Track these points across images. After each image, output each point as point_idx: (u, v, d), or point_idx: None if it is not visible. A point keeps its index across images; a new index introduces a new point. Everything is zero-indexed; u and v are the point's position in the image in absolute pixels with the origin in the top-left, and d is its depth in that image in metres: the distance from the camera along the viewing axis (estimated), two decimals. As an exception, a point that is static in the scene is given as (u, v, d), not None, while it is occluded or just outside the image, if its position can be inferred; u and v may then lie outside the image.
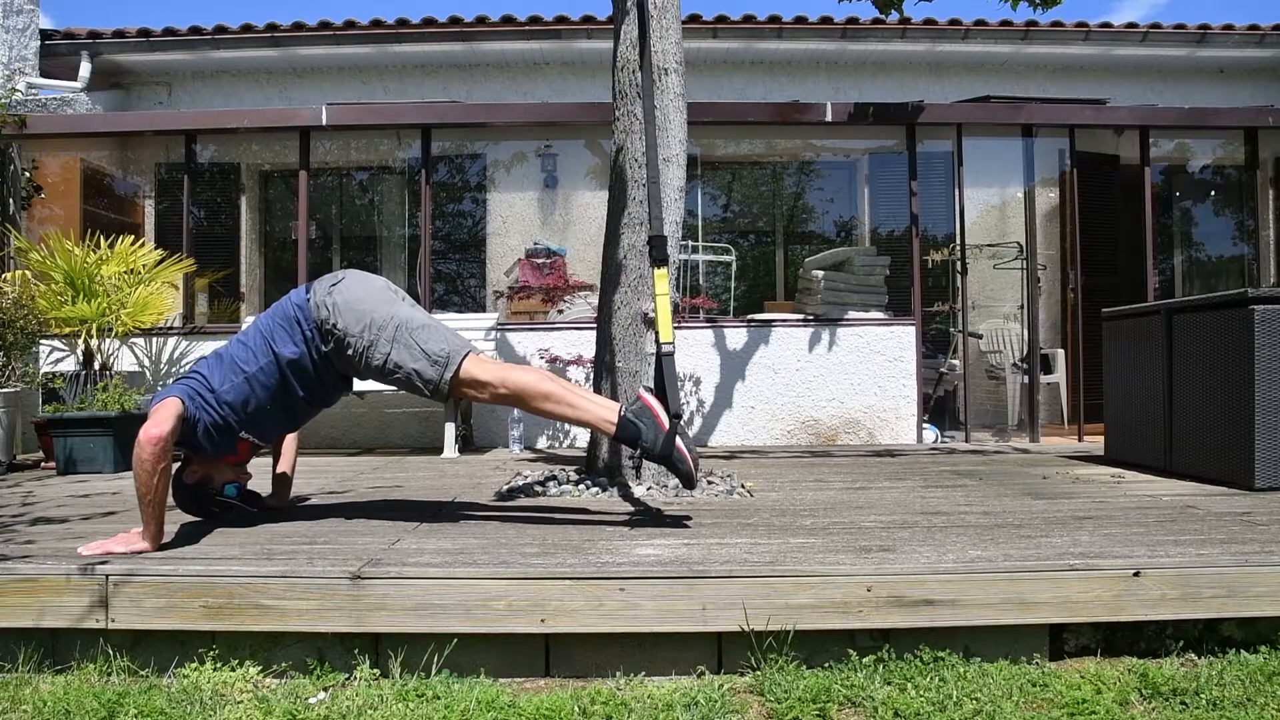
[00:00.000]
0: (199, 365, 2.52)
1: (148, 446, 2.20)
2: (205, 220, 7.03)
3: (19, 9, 6.46)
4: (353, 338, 2.42)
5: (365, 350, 2.42)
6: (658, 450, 2.38)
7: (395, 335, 2.42)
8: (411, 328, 2.45)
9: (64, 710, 1.74)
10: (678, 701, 1.76)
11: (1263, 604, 1.96)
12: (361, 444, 6.00)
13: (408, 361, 2.42)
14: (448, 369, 2.42)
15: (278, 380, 2.47)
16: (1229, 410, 3.31)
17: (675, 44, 3.48)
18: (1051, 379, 6.57)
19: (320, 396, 2.61)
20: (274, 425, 2.60)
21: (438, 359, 2.42)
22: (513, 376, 2.46)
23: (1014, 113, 6.17)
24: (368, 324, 2.42)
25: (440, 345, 2.45)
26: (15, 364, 4.86)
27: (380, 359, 2.42)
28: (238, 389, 2.43)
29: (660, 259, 2.66)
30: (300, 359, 2.46)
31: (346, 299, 2.44)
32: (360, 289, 2.49)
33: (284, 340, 2.46)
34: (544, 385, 2.44)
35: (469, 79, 7.25)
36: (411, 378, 2.43)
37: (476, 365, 2.45)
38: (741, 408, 5.89)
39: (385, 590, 1.92)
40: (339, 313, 2.42)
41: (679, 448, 2.38)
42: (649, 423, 2.39)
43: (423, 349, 2.42)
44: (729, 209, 8.01)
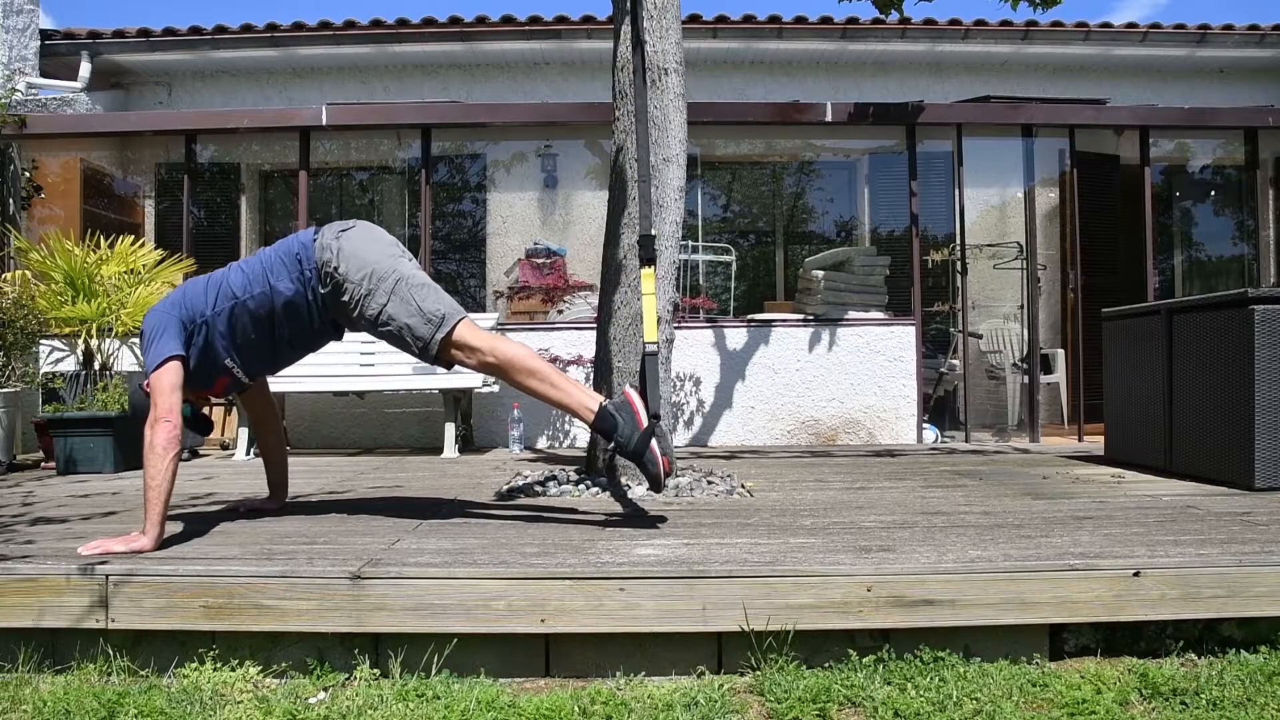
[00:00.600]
0: (191, 287, 2.51)
1: (161, 434, 2.23)
2: (205, 220, 7.03)
3: (19, 9, 6.46)
4: (351, 284, 2.42)
5: (362, 299, 2.43)
6: (631, 446, 2.37)
7: (394, 288, 2.43)
8: (411, 284, 2.45)
9: (64, 710, 1.74)
10: (678, 701, 1.76)
11: (1263, 604, 1.96)
12: (361, 444, 6.00)
13: (401, 315, 2.42)
14: (440, 329, 2.42)
15: (267, 313, 2.47)
16: (1229, 410, 3.31)
17: (675, 44, 3.48)
18: (1051, 379, 6.57)
19: (306, 339, 2.60)
20: (257, 359, 2.58)
21: (432, 317, 2.42)
22: (502, 346, 2.46)
23: (1014, 113, 6.17)
24: (369, 273, 2.42)
25: (436, 305, 2.45)
26: (15, 364, 4.86)
27: (375, 309, 2.43)
28: (227, 315, 2.45)
29: (648, 259, 2.66)
30: (295, 297, 2.46)
31: (353, 245, 2.45)
32: (367, 238, 2.50)
33: (281, 274, 2.46)
34: (531, 361, 2.44)
35: (469, 79, 7.25)
36: (403, 332, 2.43)
37: (469, 330, 2.45)
38: (741, 408, 5.89)
39: (385, 590, 1.92)
40: (343, 257, 2.43)
41: (652, 449, 2.38)
42: (627, 418, 2.39)
43: (419, 305, 2.43)
44: (729, 209, 8.01)
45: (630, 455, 2.40)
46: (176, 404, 2.30)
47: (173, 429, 2.26)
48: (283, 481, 2.97)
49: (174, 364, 2.35)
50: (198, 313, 2.45)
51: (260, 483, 3.10)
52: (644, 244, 2.68)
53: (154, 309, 2.50)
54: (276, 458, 2.96)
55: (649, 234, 2.71)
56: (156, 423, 2.26)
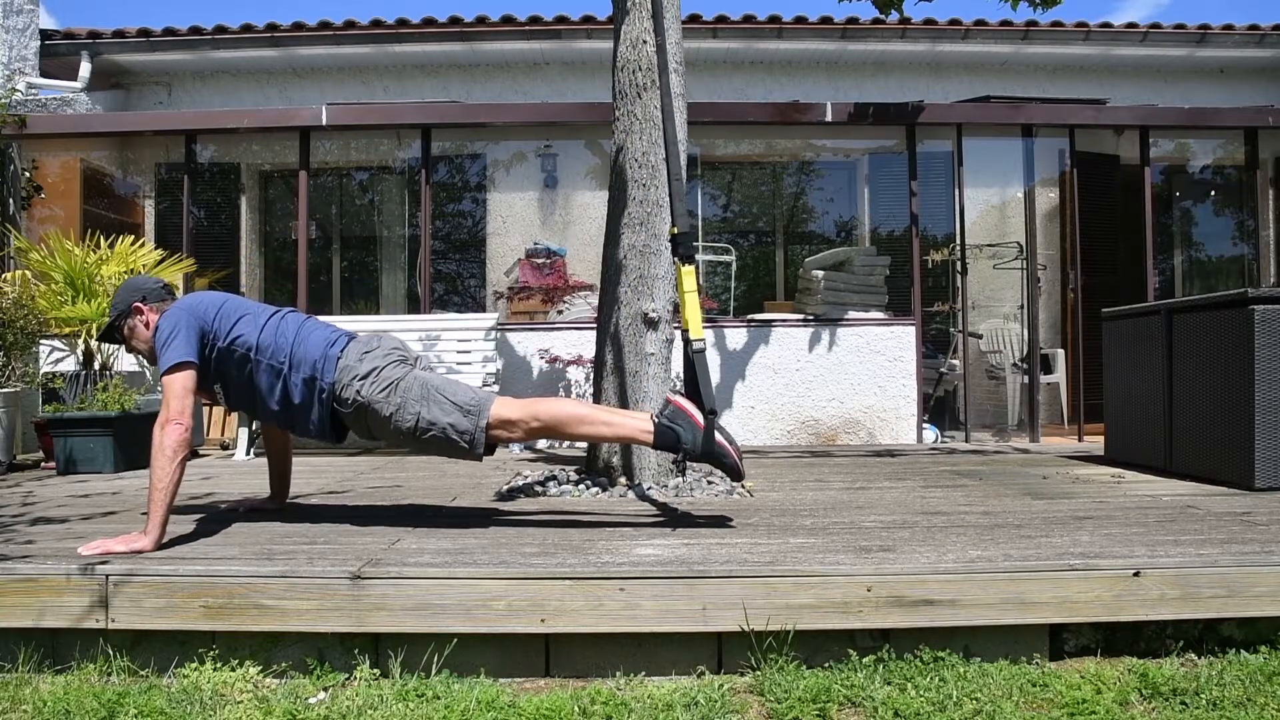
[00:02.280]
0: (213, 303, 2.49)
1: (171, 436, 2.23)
2: (205, 220, 7.03)
3: (19, 9, 6.45)
4: (379, 403, 2.41)
5: (394, 414, 2.41)
6: (699, 450, 2.38)
7: (423, 395, 2.42)
8: (436, 385, 2.45)
9: (64, 710, 1.74)
10: (678, 701, 1.76)
11: (1263, 604, 1.96)
12: (362, 444, 6.00)
13: (440, 418, 2.40)
14: (481, 416, 2.40)
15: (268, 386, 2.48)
16: (1229, 410, 3.31)
17: (675, 44, 3.47)
18: (1051, 379, 6.57)
19: (293, 426, 2.60)
20: (240, 402, 2.58)
21: (470, 409, 2.41)
22: (542, 409, 2.45)
23: (1014, 113, 6.17)
24: (392, 388, 2.42)
25: (467, 396, 2.44)
26: (15, 364, 4.86)
27: (411, 420, 2.40)
28: (233, 358, 2.45)
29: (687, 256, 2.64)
30: (302, 402, 2.47)
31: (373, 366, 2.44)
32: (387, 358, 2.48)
33: (298, 375, 2.46)
34: (575, 410, 2.46)
35: (469, 79, 7.25)
36: (447, 431, 2.40)
37: (504, 406, 2.44)
38: (741, 408, 5.89)
39: (385, 590, 1.92)
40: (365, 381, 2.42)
41: (719, 442, 2.38)
42: (686, 425, 2.39)
43: (453, 402, 2.41)
44: (729, 209, 8.01)
45: (702, 457, 2.40)
46: (188, 408, 2.29)
47: (183, 432, 2.25)
48: (285, 482, 2.97)
49: (189, 371, 2.34)
50: (214, 333, 2.44)
51: (260, 483, 3.10)
52: (681, 241, 2.65)
53: (179, 303, 2.49)
54: (282, 458, 2.96)
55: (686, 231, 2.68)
56: (167, 424, 2.25)
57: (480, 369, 5.26)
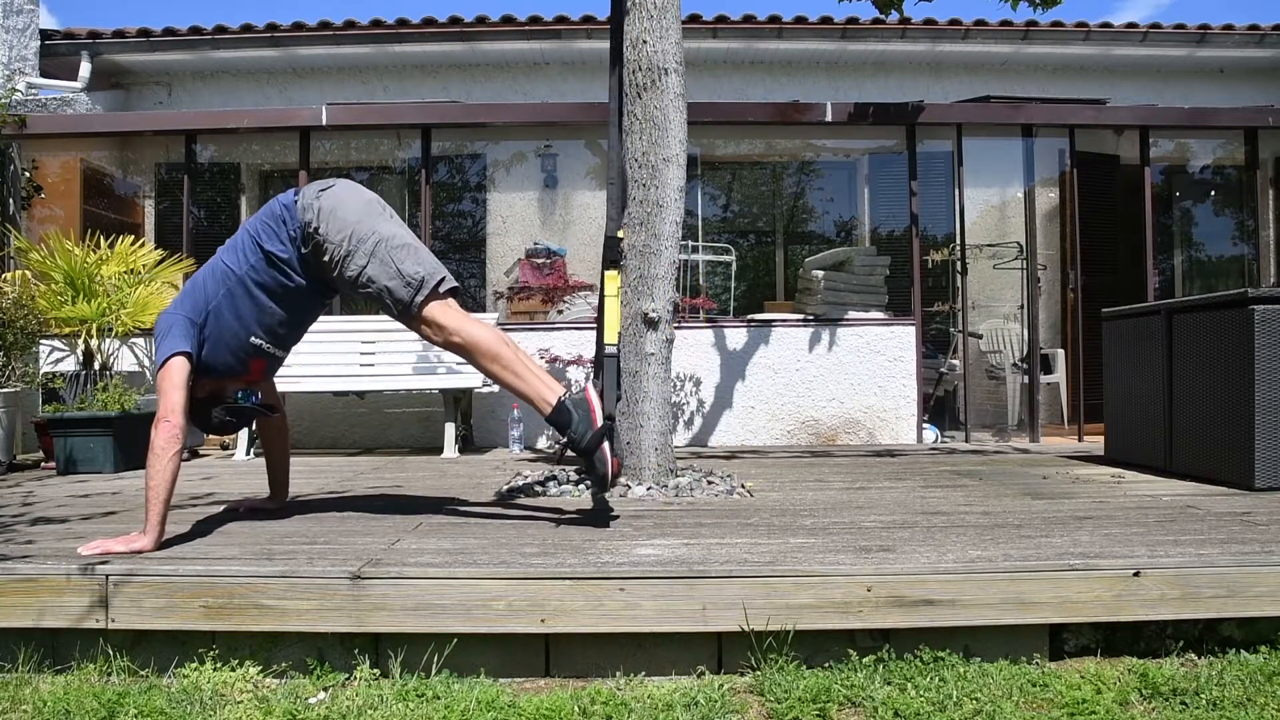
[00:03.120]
0: (193, 281, 2.51)
1: (162, 433, 2.23)
2: (205, 220, 7.03)
3: (19, 9, 6.45)
4: (331, 245, 2.42)
5: (341, 260, 2.43)
6: (583, 444, 2.40)
7: (374, 249, 2.42)
8: (392, 245, 2.45)
9: (64, 710, 1.74)
10: (678, 701, 1.76)
11: (1263, 604, 1.96)
12: (361, 444, 6.00)
13: (381, 278, 2.42)
14: (420, 292, 2.42)
15: (270, 277, 2.47)
16: (1229, 410, 3.31)
17: (675, 44, 3.48)
18: (1051, 379, 6.57)
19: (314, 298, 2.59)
20: (279, 327, 2.55)
21: (411, 280, 2.42)
22: (471, 328, 2.46)
23: (1014, 113, 6.17)
24: (349, 234, 2.42)
25: (415, 268, 2.44)
26: (15, 364, 4.86)
27: (355, 270, 2.43)
28: (233, 294, 2.45)
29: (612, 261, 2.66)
30: (288, 257, 2.47)
31: (333, 204, 2.45)
32: (349, 198, 2.50)
33: (271, 238, 2.46)
34: (497, 347, 2.44)
35: (469, 79, 7.24)
36: (383, 294, 2.43)
37: (440, 308, 2.45)
38: (741, 408, 5.89)
39: (385, 590, 1.92)
40: (323, 217, 2.43)
41: (603, 449, 2.41)
42: (583, 415, 2.40)
43: (398, 268, 2.42)
44: (729, 209, 8.01)
45: (581, 452, 2.42)
46: (179, 403, 2.28)
47: (173, 429, 2.25)
48: (284, 481, 2.97)
49: (178, 361, 2.33)
50: (204, 302, 2.44)
51: (260, 483, 3.10)
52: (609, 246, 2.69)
53: (164, 311, 2.50)
54: (280, 457, 2.96)
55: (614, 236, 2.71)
56: (159, 422, 2.26)
57: (480, 369, 5.26)
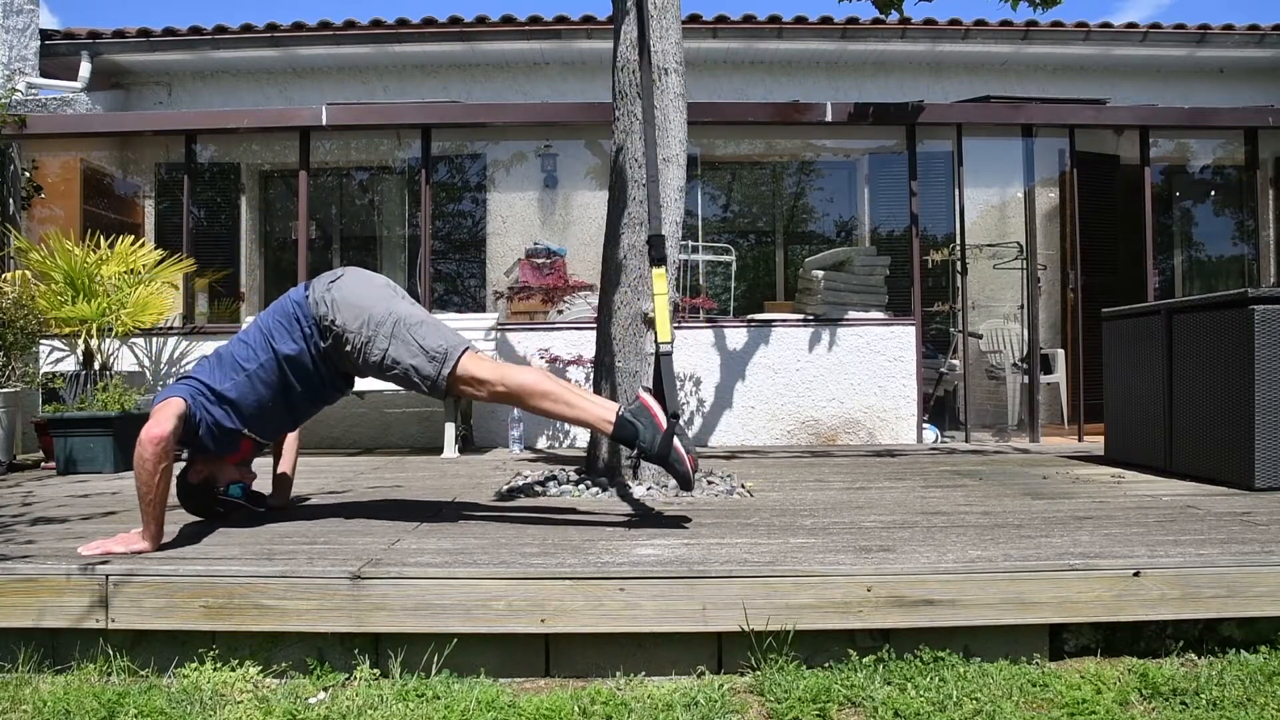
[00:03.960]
0: (199, 366, 2.53)
1: (149, 445, 2.20)
2: (205, 220, 7.03)
3: (19, 9, 6.45)
4: (351, 334, 2.43)
5: (363, 346, 2.43)
6: (655, 450, 2.38)
7: (393, 331, 2.43)
8: (410, 324, 2.45)
9: (64, 710, 1.74)
10: (678, 701, 1.76)
11: (1263, 604, 1.96)
12: (361, 444, 6.00)
13: (405, 358, 2.43)
14: (445, 365, 2.42)
15: (278, 377, 2.47)
16: (1229, 410, 3.31)
17: (675, 44, 3.48)
18: (1051, 379, 6.57)
19: (320, 394, 2.61)
20: (275, 423, 2.60)
21: (435, 355, 2.43)
22: (511, 375, 2.47)
23: (1014, 113, 6.17)
24: (365, 320, 2.43)
25: (438, 342, 2.45)
26: (15, 364, 4.86)
27: (378, 355, 2.43)
28: (239, 386, 2.44)
29: (659, 258, 2.66)
30: (299, 356, 2.47)
31: (345, 295, 2.45)
32: (359, 285, 2.50)
33: (283, 337, 2.46)
34: (543, 384, 2.44)
35: (469, 79, 7.25)
36: (409, 374, 2.43)
37: (474, 363, 2.45)
38: (741, 408, 5.89)
39: (385, 590, 1.92)
40: (337, 309, 2.43)
41: (676, 448, 2.38)
42: (647, 423, 2.39)
43: (420, 345, 2.43)
44: (729, 209, 8.01)
45: (656, 459, 2.40)
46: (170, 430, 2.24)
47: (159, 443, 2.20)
48: (287, 482, 2.97)
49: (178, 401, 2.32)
50: (209, 388, 2.42)
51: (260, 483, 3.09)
52: (655, 244, 2.67)
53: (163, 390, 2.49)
54: (289, 460, 2.96)
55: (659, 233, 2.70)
56: (147, 442, 2.20)
57: (480, 369, 5.26)
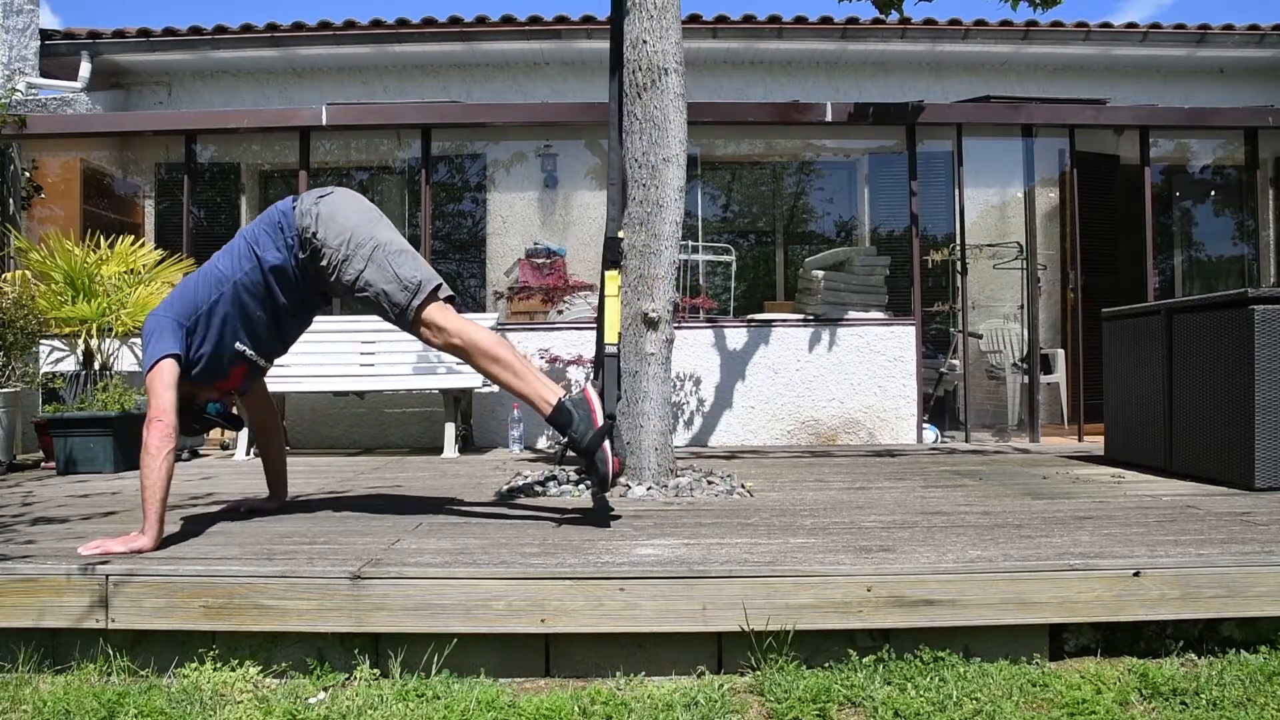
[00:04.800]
0: (184, 284, 2.53)
1: (154, 431, 2.24)
2: (205, 220, 7.03)
3: (19, 9, 6.45)
4: (329, 249, 2.44)
5: (339, 264, 2.45)
6: (584, 443, 2.41)
7: (371, 254, 2.45)
8: (389, 250, 2.47)
9: (64, 710, 1.74)
10: (678, 701, 1.76)
11: (1263, 604, 1.96)
12: (361, 444, 6.00)
13: (379, 282, 2.44)
14: (416, 296, 2.45)
15: (263, 287, 2.49)
16: (1229, 410, 3.31)
17: (675, 44, 3.47)
18: (1051, 379, 6.57)
19: (303, 308, 2.62)
20: (265, 337, 2.58)
21: (408, 285, 2.45)
22: (471, 331, 2.49)
23: (1014, 113, 6.17)
24: (347, 239, 2.45)
25: (413, 273, 2.47)
26: (15, 364, 4.86)
27: (352, 275, 2.45)
28: (225, 299, 2.46)
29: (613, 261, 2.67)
30: (284, 265, 2.48)
31: (331, 210, 2.47)
32: (347, 204, 2.52)
33: (268, 245, 2.48)
34: (497, 349, 2.47)
35: (469, 79, 7.24)
36: (380, 298, 2.45)
37: (439, 311, 2.48)
38: (741, 408, 5.89)
39: (385, 590, 1.92)
40: (321, 222, 2.45)
41: (604, 448, 2.41)
42: (584, 414, 2.42)
43: (395, 272, 2.45)
44: (729, 209, 8.01)
45: (583, 452, 2.43)
46: (170, 403, 2.29)
47: (165, 428, 2.26)
48: (282, 481, 2.98)
49: (168, 363, 2.35)
50: (194, 306, 2.46)
51: (260, 483, 3.10)
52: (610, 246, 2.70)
53: (152, 312, 2.51)
54: (276, 458, 2.97)
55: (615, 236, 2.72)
56: (150, 423, 2.26)
57: (480, 369, 5.26)
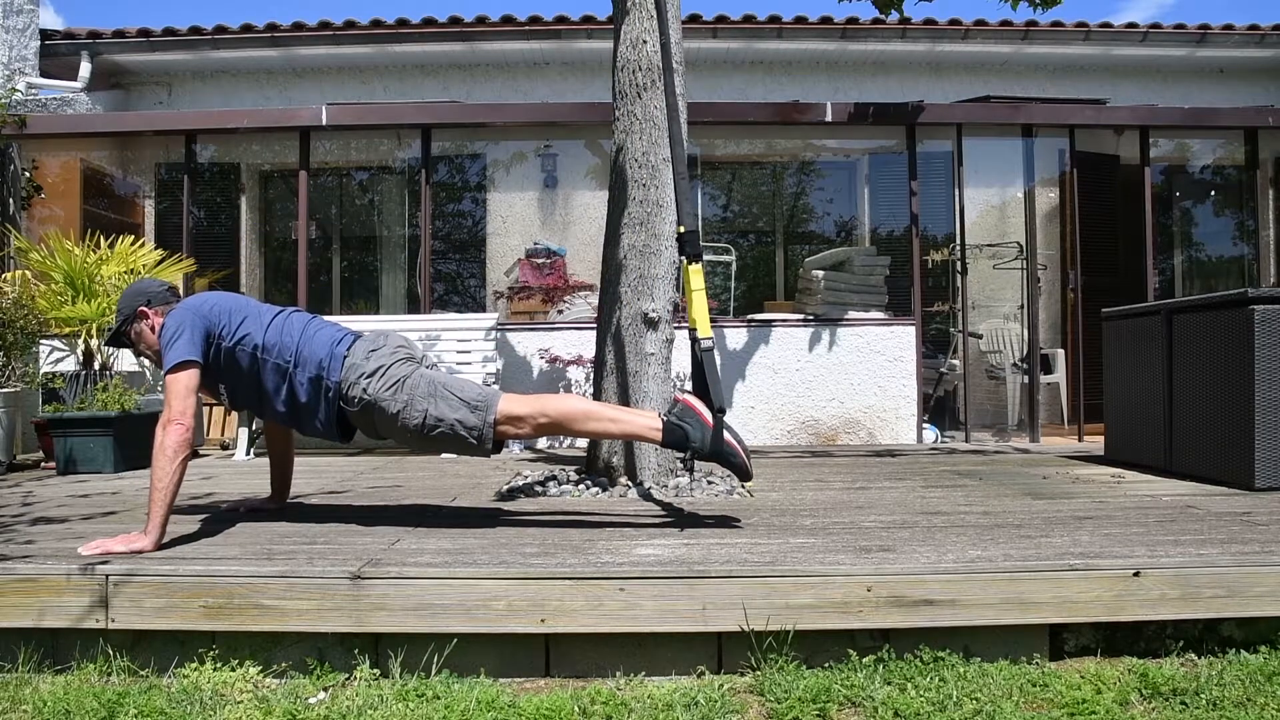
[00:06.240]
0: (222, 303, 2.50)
1: (172, 434, 2.23)
2: (205, 220, 7.04)
3: (19, 9, 6.45)
4: (385, 400, 2.41)
5: (400, 412, 2.41)
6: (708, 449, 2.37)
7: (431, 391, 2.42)
8: (443, 382, 2.45)
9: (64, 710, 1.74)
10: (678, 701, 1.76)
11: (1263, 604, 1.96)
12: (361, 444, 6.00)
13: (448, 414, 2.40)
14: (489, 412, 2.40)
15: (275, 386, 2.48)
16: (1229, 410, 3.31)
17: (675, 44, 3.47)
18: (1051, 379, 6.57)
19: (298, 425, 2.59)
20: (246, 400, 2.58)
21: (477, 405, 2.41)
22: (550, 405, 2.46)
23: (1014, 113, 6.17)
24: (399, 385, 2.42)
25: (474, 392, 2.45)
26: (15, 364, 4.86)
27: (419, 417, 2.40)
28: (240, 355, 2.45)
29: (695, 255, 2.64)
30: (307, 403, 2.48)
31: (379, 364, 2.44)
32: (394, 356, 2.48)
33: (303, 374, 2.46)
34: (582, 405, 2.46)
35: (469, 79, 7.25)
36: (455, 428, 2.40)
37: (512, 402, 2.44)
38: (741, 408, 5.89)
39: (385, 590, 1.92)
40: (371, 379, 2.42)
41: (729, 442, 2.37)
42: (694, 423, 2.38)
43: (459, 398, 2.41)
44: (729, 209, 8.01)
45: (710, 456, 2.39)
46: (190, 408, 2.29)
47: (185, 432, 2.25)
48: (286, 482, 2.97)
49: (193, 371, 2.34)
50: (220, 333, 2.44)
51: (260, 483, 3.10)
52: (689, 240, 2.67)
53: (185, 304, 2.49)
54: (283, 459, 2.96)
55: (694, 229, 2.69)
56: (169, 424, 2.25)
57: (480, 369, 5.26)
